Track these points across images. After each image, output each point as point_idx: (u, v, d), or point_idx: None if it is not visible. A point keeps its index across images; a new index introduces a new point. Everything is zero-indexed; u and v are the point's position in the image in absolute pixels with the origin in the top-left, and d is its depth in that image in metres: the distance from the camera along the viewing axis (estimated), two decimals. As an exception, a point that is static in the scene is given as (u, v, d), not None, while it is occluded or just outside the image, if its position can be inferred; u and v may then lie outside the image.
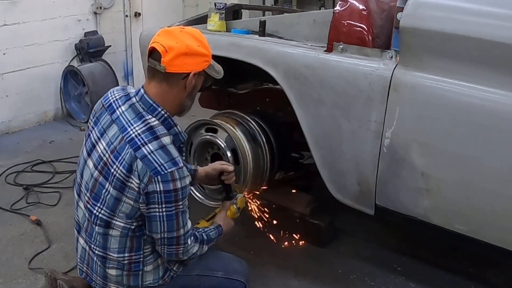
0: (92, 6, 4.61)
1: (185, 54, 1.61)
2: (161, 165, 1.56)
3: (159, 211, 1.60)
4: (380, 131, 2.00)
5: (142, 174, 1.56)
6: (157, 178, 1.55)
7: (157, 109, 1.65)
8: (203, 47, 1.66)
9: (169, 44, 1.60)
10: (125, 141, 1.60)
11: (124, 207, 1.63)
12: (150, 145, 1.58)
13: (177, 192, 1.59)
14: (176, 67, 1.61)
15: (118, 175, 1.60)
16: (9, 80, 4.09)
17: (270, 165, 2.49)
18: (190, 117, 3.44)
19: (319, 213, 2.68)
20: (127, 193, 1.61)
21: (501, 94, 1.74)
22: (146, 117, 1.64)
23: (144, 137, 1.60)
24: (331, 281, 2.39)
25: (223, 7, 2.90)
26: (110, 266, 1.75)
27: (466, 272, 2.46)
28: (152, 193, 1.57)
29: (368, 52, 2.04)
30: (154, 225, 1.63)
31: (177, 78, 1.64)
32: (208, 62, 1.69)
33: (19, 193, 3.11)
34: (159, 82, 1.65)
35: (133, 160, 1.57)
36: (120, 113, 1.67)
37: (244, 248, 2.59)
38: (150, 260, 1.76)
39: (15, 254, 2.52)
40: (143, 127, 1.62)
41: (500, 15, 1.78)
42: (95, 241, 1.74)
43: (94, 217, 1.70)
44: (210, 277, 1.92)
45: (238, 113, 2.55)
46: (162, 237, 1.65)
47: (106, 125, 1.69)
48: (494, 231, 1.89)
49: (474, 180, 1.85)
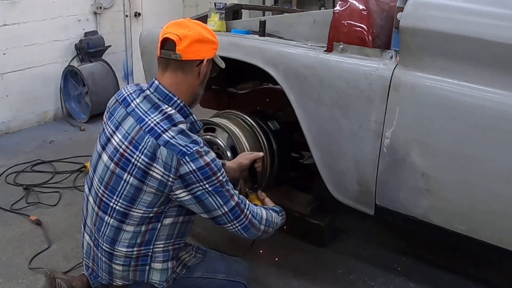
0: (92, 6, 4.61)
1: (199, 41, 1.67)
2: (185, 146, 1.59)
3: (203, 188, 1.62)
4: (380, 131, 2.00)
5: (169, 160, 1.58)
6: (185, 159, 1.58)
7: (173, 98, 1.69)
8: (212, 35, 1.74)
9: (182, 33, 1.66)
10: (144, 131, 1.63)
11: (146, 196, 1.65)
12: (170, 131, 1.61)
13: (210, 166, 1.62)
14: (191, 54, 1.66)
15: (139, 164, 1.62)
16: (9, 80, 4.09)
17: (270, 165, 2.49)
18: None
19: (319, 213, 2.68)
20: (148, 181, 1.62)
21: (501, 94, 1.74)
22: (163, 107, 1.67)
23: (163, 124, 1.63)
24: (331, 281, 2.39)
25: (223, 7, 2.90)
26: (117, 262, 1.75)
27: (466, 272, 2.46)
28: (187, 174, 1.59)
29: (368, 52, 2.04)
30: (208, 203, 1.64)
31: (192, 66, 1.69)
32: (216, 50, 1.75)
33: (19, 193, 3.11)
34: (174, 71, 1.69)
35: (156, 148, 1.59)
36: (135, 105, 1.70)
37: (244, 248, 2.59)
38: (159, 258, 1.76)
39: (15, 254, 2.52)
40: (161, 116, 1.65)
41: (500, 15, 1.78)
42: (104, 236, 1.74)
43: (110, 209, 1.70)
44: (212, 279, 1.92)
45: (238, 113, 2.55)
46: (224, 213, 1.67)
47: (121, 118, 1.71)
48: (494, 231, 1.89)
49: (474, 180, 1.85)
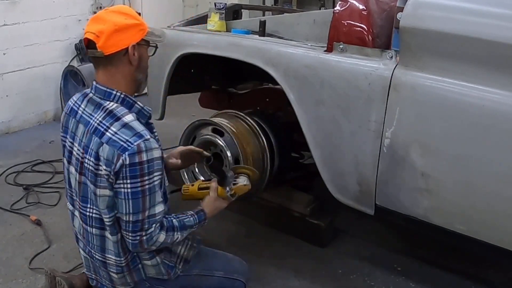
0: (92, 6, 4.61)
1: (116, 31, 1.60)
2: (127, 141, 1.55)
3: (124, 186, 1.57)
4: (380, 131, 2.00)
5: (111, 156, 1.56)
6: (124, 155, 1.54)
7: (112, 93, 1.65)
8: (132, 18, 1.66)
9: (98, 29, 1.60)
10: (90, 133, 1.62)
11: (101, 200, 1.62)
12: (112, 127, 1.59)
13: (142, 166, 1.55)
14: (112, 47, 1.60)
15: (90, 167, 1.61)
16: (9, 80, 4.08)
17: (270, 165, 2.49)
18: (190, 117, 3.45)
19: (319, 213, 2.68)
20: (99, 183, 1.60)
21: (501, 94, 1.74)
22: (104, 104, 1.65)
23: (105, 122, 1.61)
24: (331, 281, 2.39)
25: (223, 7, 2.90)
26: (112, 270, 1.76)
27: (466, 272, 2.46)
28: (120, 168, 1.55)
29: (368, 52, 2.04)
30: (120, 203, 1.60)
31: (119, 56, 1.63)
32: (144, 30, 1.67)
33: (19, 193, 3.11)
34: (104, 67, 1.65)
35: (99, 146, 1.58)
36: (82, 111, 1.69)
37: (244, 248, 2.59)
38: (146, 257, 1.76)
39: (15, 254, 2.52)
40: (103, 113, 1.63)
41: (500, 15, 1.78)
42: (93, 246, 1.75)
43: (88, 219, 1.71)
44: (210, 276, 1.92)
45: (238, 113, 2.55)
46: (127, 220, 1.61)
47: (74, 128, 1.71)
48: (494, 231, 1.89)
49: (474, 180, 1.85)
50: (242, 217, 2.88)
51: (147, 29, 1.69)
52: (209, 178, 2.19)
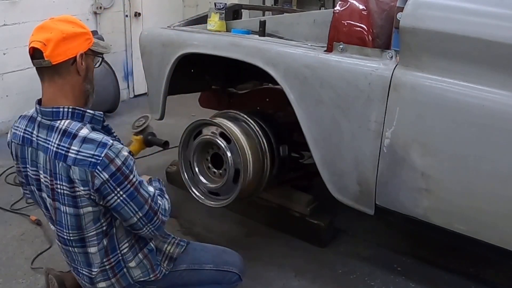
0: (92, 6, 4.62)
1: (64, 40, 1.55)
2: (93, 156, 1.52)
3: (118, 196, 1.56)
4: (380, 131, 2.00)
5: (84, 176, 1.52)
6: (97, 170, 1.51)
7: (59, 111, 1.58)
8: (79, 27, 1.62)
9: (45, 37, 1.54)
10: (52, 159, 1.56)
11: (87, 217, 1.61)
12: (73, 147, 1.53)
13: (121, 170, 1.54)
14: (60, 56, 1.55)
15: (65, 191, 1.57)
16: (9, 80, 4.09)
17: (270, 165, 2.49)
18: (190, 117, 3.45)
19: (319, 213, 2.68)
20: (80, 203, 1.58)
21: (501, 94, 1.74)
22: (55, 125, 1.58)
23: (63, 144, 1.55)
24: (331, 281, 2.39)
25: (223, 7, 2.90)
26: (98, 281, 1.75)
27: (466, 272, 2.46)
28: (102, 185, 1.53)
29: (368, 52, 2.04)
30: (124, 212, 1.60)
31: (67, 66, 1.58)
32: (90, 40, 1.64)
33: (19, 193, 3.10)
34: (51, 78, 1.59)
35: (67, 170, 1.53)
36: (36, 138, 1.62)
37: (244, 248, 2.59)
38: (130, 258, 1.76)
39: (15, 254, 2.53)
40: (58, 135, 1.57)
41: (500, 15, 1.78)
42: (79, 263, 1.75)
43: (68, 241, 1.70)
44: (200, 270, 1.90)
45: (238, 113, 2.55)
46: (139, 218, 1.63)
47: (33, 156, 1.64)
48: (494, 231, 1.89)
49: (474, 180, 1.85)
50: (242, 217, 2.88)
51: (93, 39, 1.67)
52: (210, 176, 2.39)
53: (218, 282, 1.96)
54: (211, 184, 2.47)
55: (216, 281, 1.95)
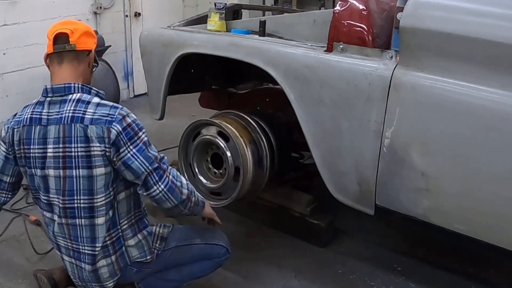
0: (92, 6, 4.62)
1: (87, 33, 1.83)
2: (108, 115, 1.70)
3: (129, 150, 1.71)
4: (380, 131, 2.00)
5: (101, 133, 1.68)
6: (112, 125, 1.68)
7: (70, 86, 1.76)
8: (92, 30, 1.90)
9: (72, 27, 1.79)
10: (68, 123, 1.70)
11: (99, 180, 1.72)
12: (89, 110, 1.71)
13: (131, 126, 1.72)
14: (83, 44, 1.80)
15: (80, 153, 1.70)
16: (9, 80, 4.09)
17: (270, 165, 2.49)
18: (190, 117, 3.45)
19: (319, 213, 2.68)
20: (94, 163, 1.70)
21: (501, 94, 1.74)
22: (68, 98, 1.75)
23: (79, 108, 1.72)
24: (331, 281, 2.39)
25: (223, 7, 2.90)
26: (99, 259, 1.81)
27: (466, 272, 2.46)
28: (116, 138, 1.68)
29: (368, 52, 2.04)
30: (134, 166, 1.71)
31: (84, 55, 1.81)
32: (97, 45, 1.90)
33: (19, 193, 3.06)
34: (70, 62, 1.78)
35: (85, 130, 1.69)
36: (47, 115, 1.75)
37: (244, 248, 2.59)
38: (129, 235, 1.85)
39: (15, 254, 2.52)
40: (72, 103, 1.73)
41: (500, 15, 1.78)
42: (83, 239, 1.79)
43: (77, 211, 1.76)
44: (190, 245, 2.00)
45: (238, 113, 2.55)
46: (149, 172, 1.73)
47: (41, 134, 1.75)
48: (494, 231, 1.89)
49: (474, 180, 1.85)
50: (242, 217, 2.88)
51: None
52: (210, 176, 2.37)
53: (208, 258, 2.05)
54: (211, 184, 2.47)
55: (206, 256, 2.04)
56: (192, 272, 2.05)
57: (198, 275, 2.09)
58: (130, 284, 1.99)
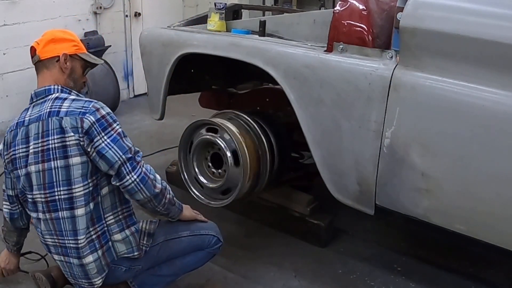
0: (92, 6, 4.62)
1: (52, 41, 1.91)
2: (82, 107, 1.78)
3: (103, 140, 1.76)
4: (380, 131, 2.00)
5: (74, 123, 1.75)
6: (86, 116, 1.75)
7: (50, 88, 1.87)
8: (70, 35, 1.97)
9: (40, 38, 1.93)
10: (45, 119, 1.78)
11: (76, 168, 1.77)
12: (65, 103, 1.80)
13: (105, 118, 1.78)
14: (47, 52, 1.89)
15: (56, 144, 1.77)
16: (9, 80, 4.09)
17: (270, 165, 2.49)
18: (190, 117, 3.45)
19: (319, 213, 2.68)
20: (70, 153, 1.76)
21: (501, 94, 1.74)
22: (48, 98, 1.85)
23: (56, 104, 1.81)
24: (331, 281, 2.39)
25: (223, 7, 2.90)
26: (86, 254, 1.82)
27: (466, 272, 2.46)
28: (89, 128, 1.75)
29: (368, 52, 2.04)
30: (109, 156, 1.75)
31: (52, 62, 1.89)
32: (78, 47, 1.95)
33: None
34: (41, 71, 1.91)
35: (60, 122, 1.76)
36: (29, 117, 1.86)
37: (244, 248, 2.59)
38: (116, 229, 1.86)
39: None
40: (50, 101, 1.83)
41: (500, 15, 1.78)
42: (66, 232, 1.82)
43: (58, 203, 1.80)
44: (178, 238, 2.01)
45: (238, 113, 2.55)
46: (122, 162, 1.76)
47: (24, 134, 1.85)
48: (494, 231, 1.89)
49: (474, 180, 1.85)
50: (242, 217, 2.88)
51: (85, 50, 1.98)
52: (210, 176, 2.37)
53: (200, 248, 2.05)
54: (211, 184, 2.47)
55: (198, 247, 2.04)
56: (185, 265, 2.05)
57: (192, 267, 2.09)
58: (124, 283, 1.99)
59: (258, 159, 2.43)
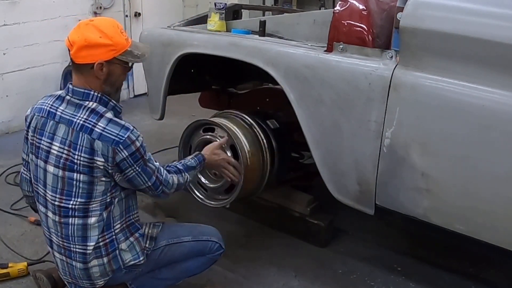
0: (92, 6, 4.62)
1: (86, 47, 1.72)
2: (117, 135, 1.72)
3: (134, 170, 1.78)
4: (380, 131, 2.00)
5: (106, 151, 1.71)
6: (119, 148, 1.72)
7: (90, 93, 1.77)
8: (106, 38, 1.73)
9: (73, 38, 1.74)
10: (76, 130, 1.74)
11: (100, 185, 1.77)
12: (100, 124, 1.73)
13: (139, 151, 1.76)
14: (81, 58, 1.74)
15: (83, 162, 1.73)
16: (9, 80, 4.09)
17: (270, 165, 2.49)
18: (190, 117, 3.45)
19: (319, 213, 2.68)
20: (96, 173, 1.75)
21: (501, 94, 1.74)
22: (84, 104, 1.77)
23: (91, 119, 1.74)
24: (331, 281, 2.39)
25: (223, 7, 2.90)
26: (91, 259, 1.82)
27: (466, 272, 2.46)
28: (122, 161, 1.73)
29: (368, 52, 2.04)
30: (136, 182, 1.82)
31: (87, 68, 1.75)
32: (115, 51, 1.75)
33: (19, 193, 3.08)
34: (76, 73, 1.79)
35: (91, 142, 1.72)
36: (61, 112, 1.79)
37: (244, 248, 2.59)
38: (122, 238, 1.86)
39: (15, 254, 2.52)
40: (86, 112, 1.76)
41: (500, 15, 1.78)
42: (74, 238, 1.81)
43: (71, 211, 1.79)
44: (179, 243, 2.01)
45: (238, 113, 2.55)
46: (147, 186, 1.85)
47: (52, 129, 1.79)
48: (494, 231, 1.89)
49: (474, 180, 1.85)
50: (242, 217, 2.88)
51: (125, 48, 1.77)
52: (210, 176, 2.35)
53: (201, 254, 2.05)
54: (211, 184, 2.47)
55: (199, 252, 2.04)
56: (185, 269, 2.05)
57: (192, 273, 2.09)
58: (122, 285, 1.98)
59: (258, 159, 2.43)
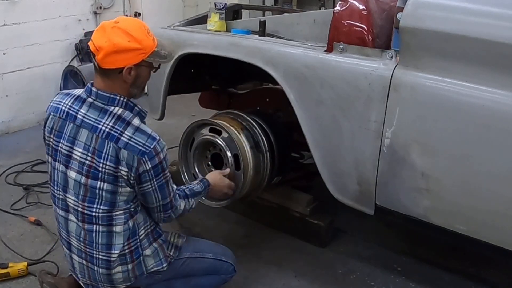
0: (92, 6, 4.61)
1: (115, 52, 1.65)
2: (144, 145, 1.68)
3: (152, 185, 1.75)
4: (380, 131, 2.00)
5: (131, 160, 1.68)
6: (144, 158, 1.68)
7: (115, 98, 1.72)
8: (135, 42, 1.67)
9: (99, 44, 1.65)
10: (102, 138, 1.69)
11: (122, 196, 1.74)
12: (126, 132, 1.69)
13: (162, 164, 1.73)
14: (108, 63, 1.67)
15: (107, 170, 1.70)
16: (9, 80, 4.08)
17: (270, 165, 2.49)
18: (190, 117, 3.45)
19: (319, 213, 2.68)
20: (120, 183, 1.71)
21: (501, 94, 1.74)
22: (110, 109, 1.72)
23: (118, 127, 1.69)
24: (331, 281, 2.39)
25: (223, 7, 2.90)
26: (115, 266, 1.80)
27: (466, 272, 2.46)
28: (143, 172, 1.70)
29: (368, 52, 2.04)
30: (149, 198, 1.78)
31: (114, 73, 1.69)
32: (144, 54, 1.70)
33: (19, 193, 3.11)
34: (102, 76, 1.72)
35: (117, 151, 1.67)
36: (82, 116, 1.73)
37: (244, 248, 2.59)
38: (146, 244, 1.85)
39: (15, 254, 2.52)
40: (112, 118, 1.70)
41: (500, 15, 1.78)
42: (98, 245, 1.78)
43: (94, 219, 1.75)
44: (201, 258, 2.02)
45: (238, 113, 2.55)
46: (158, 205, 1.81)
47: (73, 133, 1.74)
48: (494, 231, 1.89)
49: (474, 180, 1.85)
50: (242, 217, 2.88)
51: (152, 49, 1.72)
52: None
53: (216, 273, 2.06)
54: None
55: (215, 271, 2.06)
56: (198, 285, 2.05)
57: None
58: None
59: (258, 159, 2.43)
